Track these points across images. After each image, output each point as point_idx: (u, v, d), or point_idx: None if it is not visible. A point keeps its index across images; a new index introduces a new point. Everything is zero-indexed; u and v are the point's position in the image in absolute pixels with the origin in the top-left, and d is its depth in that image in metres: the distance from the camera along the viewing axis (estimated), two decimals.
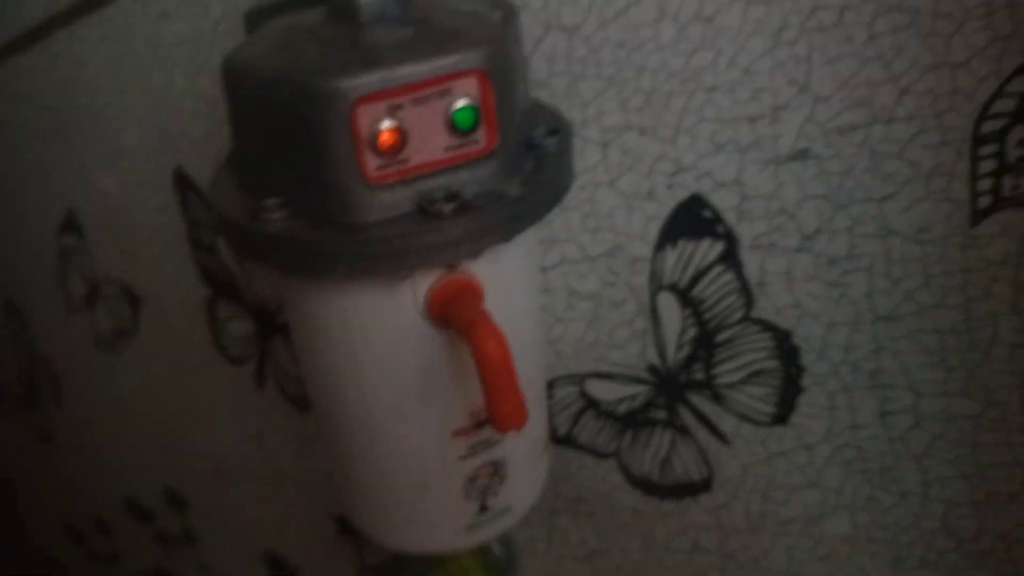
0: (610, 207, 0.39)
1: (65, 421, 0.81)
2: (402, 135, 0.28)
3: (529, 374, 0.36)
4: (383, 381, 0.33)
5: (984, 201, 0.32)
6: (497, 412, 0.28)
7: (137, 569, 0.87)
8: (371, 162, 0.28)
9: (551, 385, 0.45)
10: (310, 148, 0.28)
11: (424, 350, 0.32)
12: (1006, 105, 0.30)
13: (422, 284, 0.31)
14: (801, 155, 0.34)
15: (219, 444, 0.66)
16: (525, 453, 0.37)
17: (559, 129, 0.33)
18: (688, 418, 0.42)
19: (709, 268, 0.38)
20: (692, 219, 0.37)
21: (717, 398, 0.40)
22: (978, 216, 0.32)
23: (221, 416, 0.64)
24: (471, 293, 0.31)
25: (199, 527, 0.74)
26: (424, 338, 0.32)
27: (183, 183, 0.54)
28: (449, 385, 0.33)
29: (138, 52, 0.52)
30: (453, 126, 0.28)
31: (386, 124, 0.27)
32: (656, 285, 0.40)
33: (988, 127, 0.31)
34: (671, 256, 0.39)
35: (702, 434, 0.42)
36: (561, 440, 0.46)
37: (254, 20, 0.35)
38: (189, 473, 0.71)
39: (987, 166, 0.31)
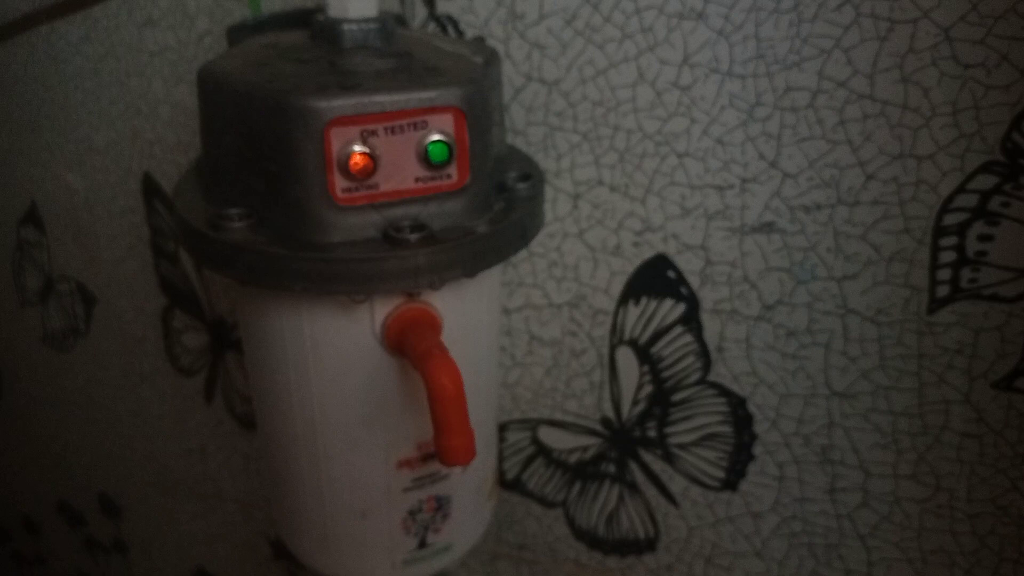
0: (577, 258, 0.39)
1: (3, 415, 0.79)
2: (373, 160, 0.28)
3: (481, 413, 0.36)
4: (332, 402, 0.32)
5: (942, 290, 0.32)
6: (445, 445, 0.28)
7: (62, 575, 0.84)
8: (340, 183, 0.28)
9: (504, 428, 0.44)
10: (280, 163, 0.28)
11: (377, 375, 0.32)
12: (968, 200, 0.31)
13: (381, 310, 0.30)
14: (766, 228, 0.35)
15: (160, 455, 0.64)
16: (471, 492, 0.37)
17: (531, 175, 0.33)
18: (638, 475, 0.41)
19: (670, 328, 0.38)
20: (656, 278, 0.38)
21: (668, 457, 0.40)
22: (936, 304, 0.32)
23: (165, 427, 0.62)
24: (429, 323, 0.31)
25: (130, 537, 0.72)
26: (378, 364, 0.31)
27: (151, 189, 0.53)
28: (399, 414, 0.33)
29: (119, 55, 0.51)
30: (426, 158, 0.28)
31: (358, 148, 0.27)
32: (616, 339, 0.40)
33: (950, 219, 0.31)
34: (633, 312, 0.39)
35: (651, 492, 0.41)
36: (509, 485, 0.45)
37: (236, 36, 0.35)
38: (126, 481, 0.69)
39: (947, 257, 0.32)
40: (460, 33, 0.38)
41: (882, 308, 0.33)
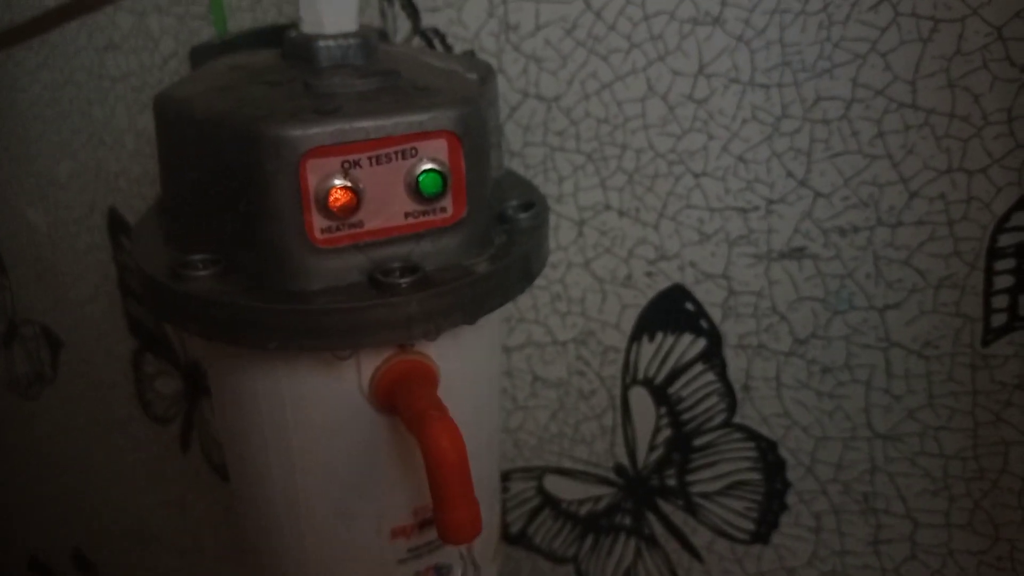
0: (583, 290, 0.36)
1: None
2: (356, 196, 0.24)
3: (484, 468, 0.33)
4: (315, 470, 0.29)
5: (999, 319, 0.29)
6: (447, 521, 0.24)
7: None
8: (319, 223, 0.24)
9: (506, 477, 0.40)
10: (249, 202, 0.24)
11: (365, 438, 0.28)
12: None
13: (369, 364, 0.27)
14: (797, 253, 0.31)
15: (135, 508, 0.60)
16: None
17: (533, 203, 0.29)
18: (657, 527, 0.38)
19: (689, 365, 0.35)
20: (672, 311, 0.34)
21: (691, 508, 0.37)
22: (992, 335, 0.29)
23: (140, 478, 0.58)
24: (424, 377, 0.27)
25: None
26: (366, 424, 0.28)
27: (117, 224, 0.50)
28: (392, 478, 0.29)
29: (79, 82, 0.48)
30: (416, 191, 0.25)
31: (338, 182, 0.24)
32: (630, 378, 0.36)
33: (1006, 240, 0.28)
34: (647, 349, 0.35)
35: (672, 546, 0.38)
36: (513, 539, 0.41)
37: (200, 57, 0.31)
38: (101, 535, 0.65)
39: (1003, 281, 0.28)
40: (448, 48, 0.35)
41: (930, 340, 0.30)
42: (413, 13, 0.35)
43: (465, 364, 0.29)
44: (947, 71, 0.27)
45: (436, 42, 0.35)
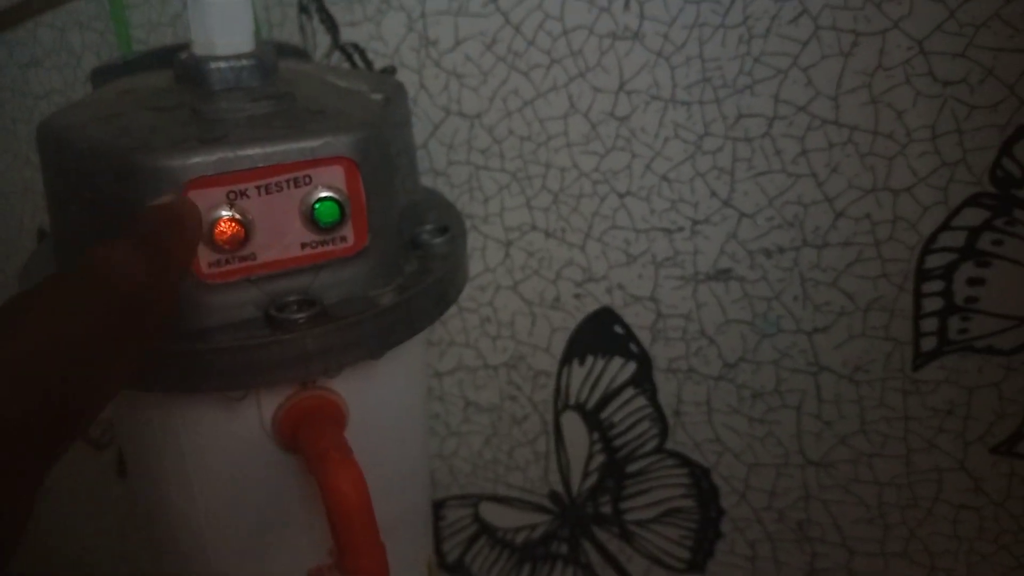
0: (512, 313, 0.34)
1: None
2: (245, 227, 0.23)
3: (409, 502, 0.31)
4: (221, 509, 0.27)
5: (928, 343, 0.28)
6: (351, 568, 0.23)
7: None
8: (205, 257, 0.23)
9: (441, 505, 0.39)
10: None
11: (272, 476, 0.27)
12: (954, 239, 0.27)
13: (269, 402, 0.25)
14: (723, 275, 0.30)
15: (77, 536, 0.58)
16: None
17: (448, 227, 0.28)
18: (593, 555, 0.36)
19: (620, 390, 0.33)
20: (602, 334, 0.33)
21: (626, 536, 0.35)
22: (922, 359, 0.28)
23: (79, 505, 0.56)
24: (329, 415, 0.26)
25: None
26: (271, 463, 0.26)
27: None
28: (305, 517, 0.28)
29: (3, 100, 0.46)
30: (312, 220, 0.23)
31: (224, 213, 0.22)
32: (562, 403, 0.35)
33: (933, 261, 0.27)
34: (578, 373, 0.34)
35: (608, 575, 0.36)
36: (451, 568, 0.40)
37: (100, 79, 0.30)
38: (47, 563, 0.63)
39: (932, 304, 0.28)
40: (368, 63, 0.34)
41: (860, 364, 0.29)
42: (332, 27, 0.34)
43: (378, 397, 0.28)
44: (869, 87, 0.26)
45: (356, 57, 0.34)
